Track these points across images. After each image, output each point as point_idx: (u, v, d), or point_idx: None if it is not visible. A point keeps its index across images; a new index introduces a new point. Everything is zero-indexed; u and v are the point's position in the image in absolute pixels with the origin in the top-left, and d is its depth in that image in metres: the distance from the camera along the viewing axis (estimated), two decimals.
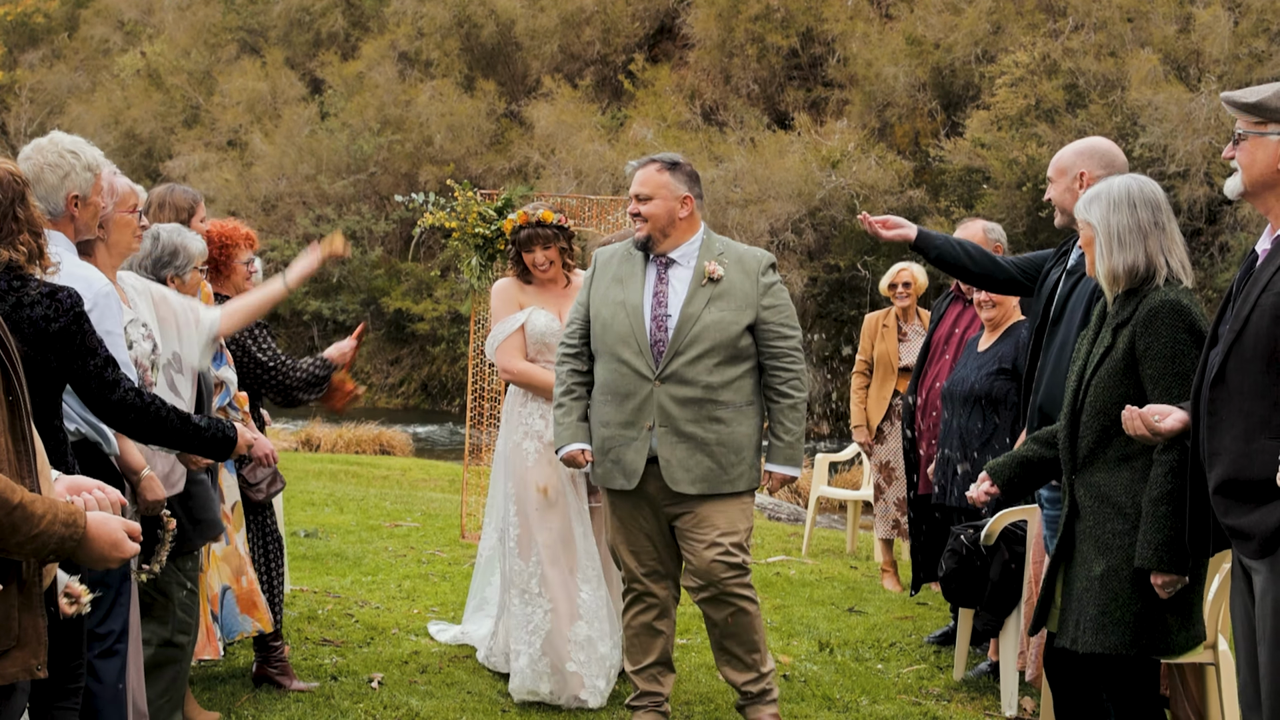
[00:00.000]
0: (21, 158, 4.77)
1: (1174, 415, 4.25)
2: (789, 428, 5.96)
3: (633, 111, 36.21)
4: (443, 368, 35.59)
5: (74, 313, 4.21)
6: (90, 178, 4.80)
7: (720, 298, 5.88)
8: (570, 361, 6.13)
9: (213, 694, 6.51)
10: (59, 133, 4.87)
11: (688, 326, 5.84)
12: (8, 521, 3.10)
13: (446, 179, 8.79)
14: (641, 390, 5.86)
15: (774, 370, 5.95)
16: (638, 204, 5.98)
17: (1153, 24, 28.34)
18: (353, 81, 40.66)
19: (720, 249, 6.02)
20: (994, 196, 27.80)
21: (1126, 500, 4.50)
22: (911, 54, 31.59)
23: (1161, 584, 4.41)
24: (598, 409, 6.01)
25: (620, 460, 5.91)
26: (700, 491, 5.83)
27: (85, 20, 49.66)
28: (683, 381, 5.81)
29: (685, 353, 5.82)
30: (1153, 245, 4.59)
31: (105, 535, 3.35)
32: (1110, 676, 4.65)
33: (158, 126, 43.77)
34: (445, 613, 8.34)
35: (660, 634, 6.13)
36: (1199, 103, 25.89)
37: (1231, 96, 4.07)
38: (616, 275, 6.07)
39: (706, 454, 5.82)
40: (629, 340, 5.88)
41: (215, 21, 45.91)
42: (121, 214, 5.06)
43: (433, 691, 6.65)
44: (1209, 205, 26.05)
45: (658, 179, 6.00)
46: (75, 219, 4.79)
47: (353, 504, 13.25)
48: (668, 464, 5.82)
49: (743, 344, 5.88)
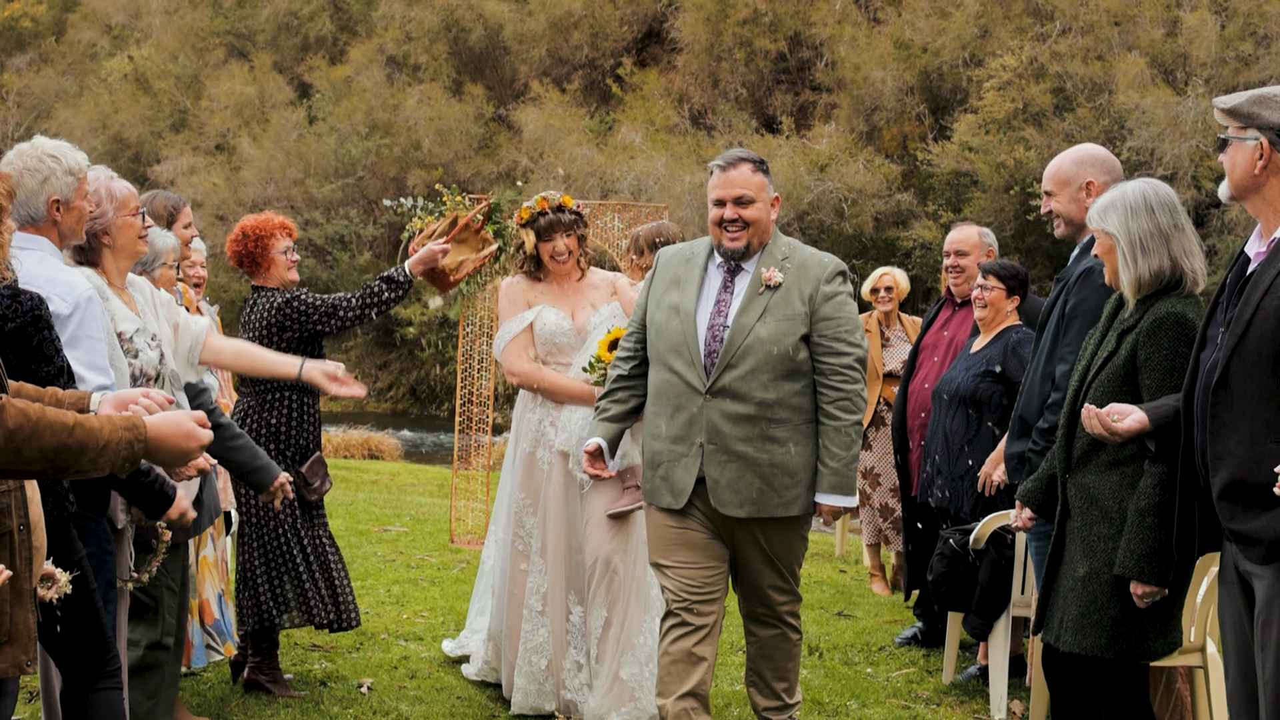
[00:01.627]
0: (3, 163, 4.73)
1: (1133, 416, 4.28)
2: (835, 452, 5.41)
3: (621, 115, 36.23)
4: (431, 372, 35.56)
5: (32, 315, 4.14)
6: (72, 181, 4.71)
7: (776, 307, 5.39)
8: (619, 365, 5.78)
9: (202, 700, 6.50)
10: (41, 137, 4.80)
11: (740, 338, 5.37)
12: (73, 442, 3.12)
13: (435, 183, 8.73)
14: (691, 403, 5.42)
15: (823, 388, 5.42)
16: (736, 209, 5.41)
17: (1140, 27, 28.42)
18: (341, 86, 40.64)
19: (784, 253, 5.51)
20: (982, 200, 27.87)
21: (1113, 505, 4.54)
22: (899, 58, 31.65)
23: (1141, 594, 4.44)
24: (650, 420, 5.62)
25: (669, 477, 5.49)
26: (749, 515, 5.40)
27: (72, 24, 49.56)
28: (734, 397, 5.36)
29: (737, 366, 5.35)
30: (1176, 248, 4.60)
31: (173, 429, 3.38)
32: (1097, 676, 4.67)
33: (145, 131, 43.68)
34: (435, 617, 8.33)
35: (701, 661, 5.52)
36: (1186, 106, 25.97)
37: (1217, 102, 4.10)
38: (675, 277, 5.61)
39: (758, 475, 5.37)
40: (681, 349, 5.45)
41: (203, 25, 45.85)
42: (124, 218, 5.04)
43: (422, 696, 6.64)
44: (1196, 208, 26.10)
45: (755, 180, 5.46)
46: (59, 224, 4.72)
47: (341, 509, 13.22)
48: (715, 485, 5.39)
49: (800, 358, 5.39)
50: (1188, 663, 5.64)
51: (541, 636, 6.41)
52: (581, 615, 6.39)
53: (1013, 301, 7.22)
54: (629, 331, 5.76)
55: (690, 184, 30.40)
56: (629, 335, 5.74)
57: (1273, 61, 26.15)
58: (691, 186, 30.25)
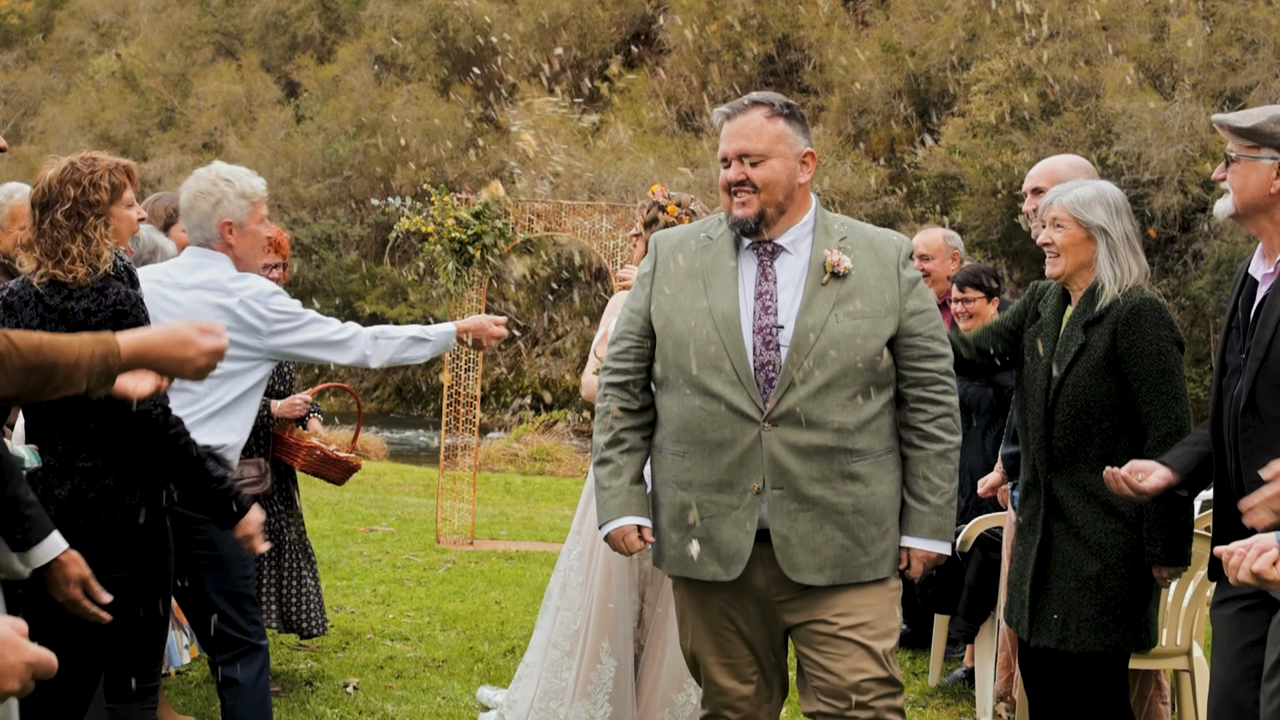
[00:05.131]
0: (182, 186, 4.97)
1: (1156, 474, 4.23)
2: (935, 484, 4.18)
3: (609, 116, 36.22)
4: (418, 372, 35.51)
5: (114, 309, 4.22)
6: (246, 205, 4.92)
7: (849, 299, 4.13)
8: (617, 395, 4.32)
9: (187, 699, 6.49)
10: (220, 163, 5.04)
11: (808, 342, 4.06)
12: (41, 360, 3.06)
13: (422, 183, 8.74)
14: (743, 436, 4.06)
15: (918, 403, 4.18)
16: (742, 168, 4.17)
17: (1127, 32, 28.48)
18: (328, 85, 40.62)
19: (842, 230, 4.28)
20: (969, 203, 27.92)
21: (1119, 498, 4.45)
22: (887, 61, 31.70)
23: (1167, 575, 4.49)
24: (668, 463, 4.22)
25: (712, 539, 4.11)
26: (831, 581, 4.11)
27: (60, 22, 49.47)
28: (805, 423, 4.05)
29: (807, 380, 4.04)
30: (1139, 251, 4.68)
31: (164, 338, 3.22)
32: (1084, 676, 4.67)
33: (133, 129, 43.62)
34: (420, 617, 8.33)
35: None
36: (1173, 111, 26.03)
37: (1225, 120, 4.03)
38: (693, 269, 4.25)
39: (839, 527, 4.09)
40: (720, 364, 4.08)
41: (191, 24, 45.79)
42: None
43: (408, 697, 6.64)
44: (1182, 213, 26.17)
45: (771, 129, 4.21)
46: (233, 246, 4.92)
47: (327, 508, 13.21)
48: (784, 543, 4.07)
49: (882, 366, 4.13)
50: (1173, 666, 5.65)
51: (564, 681, 5.58)
52: (614, 669, 5.46)
53: (994, 304, 7.22)
54: (621, 348, 4.34)
55: (678, 185, 30.36)
56: (623, 353, 4.32)
57: (1259, 67, 26.23)
58: (679, 188, 30.16)
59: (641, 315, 4.29)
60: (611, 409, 4.30)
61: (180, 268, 4.95)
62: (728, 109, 4.26)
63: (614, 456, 4.28)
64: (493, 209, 11.12)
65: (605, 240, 11.65)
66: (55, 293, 4.21)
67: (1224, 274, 23.99)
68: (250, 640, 4.88)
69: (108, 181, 4.34)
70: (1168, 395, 4.50)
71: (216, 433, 4.79)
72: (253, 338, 4.83)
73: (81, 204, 4.27)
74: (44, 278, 4.24)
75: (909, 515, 4.19)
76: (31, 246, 4.29)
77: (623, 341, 4.31)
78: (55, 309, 4.20)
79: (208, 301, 4.81)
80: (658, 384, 4.27)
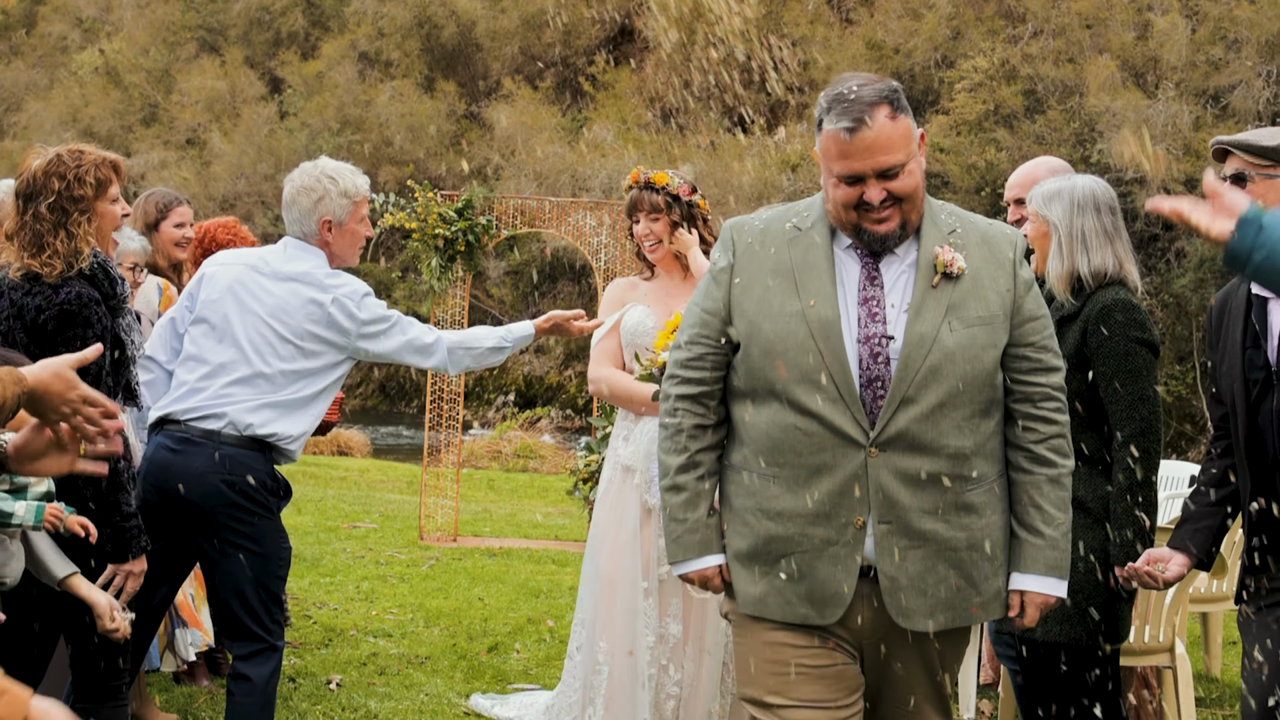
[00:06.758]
0: (287, 179, 4.99)
1: (1175, 561, 4.25)
2: (1051, 514, 3.63)
3: (593, 113, 36.22)
4: (401, 369, 35.48)
5: (60, 309, 4.20)
6: (347, 204, 4.92)
7: (963, 305, 3.55)
8: (691, 411, 3.72)
9: (169, 695, 6.47)
10: (326, 159, 5.03)
11: (919, 356, 3.50)
12: None
13: (406, 180, 8.73)
14: (846, 462, 3.50)
15: (1031, 422, 3.64)
16: (883, 185, 3.50)
17: (1111, 30, 28.53)
18: (312, 81, 40.53)
19: (952, 223, 3.68)
20: (953, 201, 27.87)
21: (1087, 496, 4.55)
22: (871, 59, 31.71)
23: (1127, 574, 4.47)
24: (752, 487, 3.64)
25: (807, 576, 3.55)
26: (942, 626, 3.59)
27: (43, 17, 49.29)
28: (916, 448, 3.50)
29: (917, 400, 3.49)
30: (1120, 249, 4.66)
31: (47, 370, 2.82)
32: (1057, 667, 4.68)
33: (116, 125, 43.48)
34: (404, 614, 8.31)
35: None
36: (1157, 109, 26.08)
37: (1243, 141, 3.99)
38: (780, 266, 3.63)
39: (952, 565, 3.56)
40: (815, 377, 3.50)
41: (174, 20, 45.66)
42: None
43: (391, 693, 6.62)
44: None
45: (899, 130, 3.50)
46: (330, 244, 4.94)
47: (310, 505, 13.18)
48: (893, 585, 3.53)
49: (998, 381, 3.61)
50: (1157, 663, 5.67)
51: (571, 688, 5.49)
52: (606, 674, 5.25)
53: None
54: (694, 354, 3.72)
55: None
56: (697, 360, 3.71)
57: (1242, 66, 26.28)
58: None
59: (718, 316, 3.67)
60: (685, 426, 3.70)
61: (278, 256, 4.96)
62: (850, 122, 3.44)
63: (689, 484, 3.70)
64: (477, 205, 11.12)
65: (589, 237, 11.64)
66: (25, 287, 4.17)
67: (1206, 272, 24.06)
68: (269, 640, 4.87)
69: (93, 176, 4.32)
70: (1134, 396, 4.50)
71: (285, 424, 4.87)
72: (340, 336, 4.87)
73: (66, 198, 4.24)
74: (20, 270, 4.20)
75: (1020, 549, 3.65)
76: (12, 238, 4.26)
77: (696, 346, 3.70)
78: (16, 304, 4.16)
79: (302, 295, 4.85)
80: (738, 395, 3.68)
